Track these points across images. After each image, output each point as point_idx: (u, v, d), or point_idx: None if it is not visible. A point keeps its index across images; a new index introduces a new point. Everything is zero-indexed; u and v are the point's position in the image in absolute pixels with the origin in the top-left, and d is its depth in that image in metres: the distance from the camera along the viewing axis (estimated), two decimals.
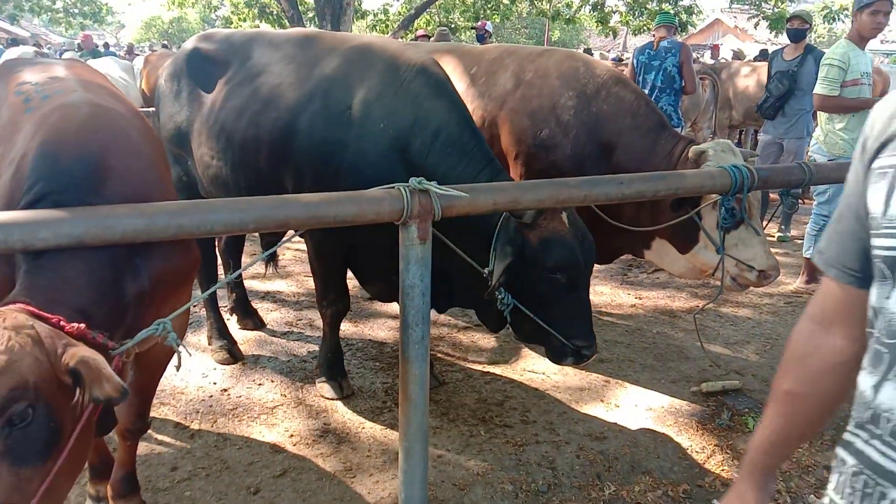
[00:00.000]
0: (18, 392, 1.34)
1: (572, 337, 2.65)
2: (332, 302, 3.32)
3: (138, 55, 12.03)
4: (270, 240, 3.59)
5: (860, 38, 4.70)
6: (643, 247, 3.43)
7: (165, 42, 23.19)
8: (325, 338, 3.45)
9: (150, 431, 2.89)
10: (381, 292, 3.33)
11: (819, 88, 4.74)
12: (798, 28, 6.20)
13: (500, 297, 2.56)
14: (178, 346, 1.79)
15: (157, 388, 2.46)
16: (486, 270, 2.53)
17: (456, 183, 2.15)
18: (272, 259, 4.48)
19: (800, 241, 5.02)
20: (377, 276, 3.21)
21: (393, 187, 1.98)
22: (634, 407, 3.38)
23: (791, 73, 6.12)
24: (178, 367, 1.87)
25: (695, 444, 3.07)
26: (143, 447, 2.85)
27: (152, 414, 3.06)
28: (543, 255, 2.55)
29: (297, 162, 2.95)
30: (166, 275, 1.89)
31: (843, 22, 26.24)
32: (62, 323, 1.50)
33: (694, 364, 3.87)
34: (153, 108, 3.88)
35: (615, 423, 3.22)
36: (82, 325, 1.54)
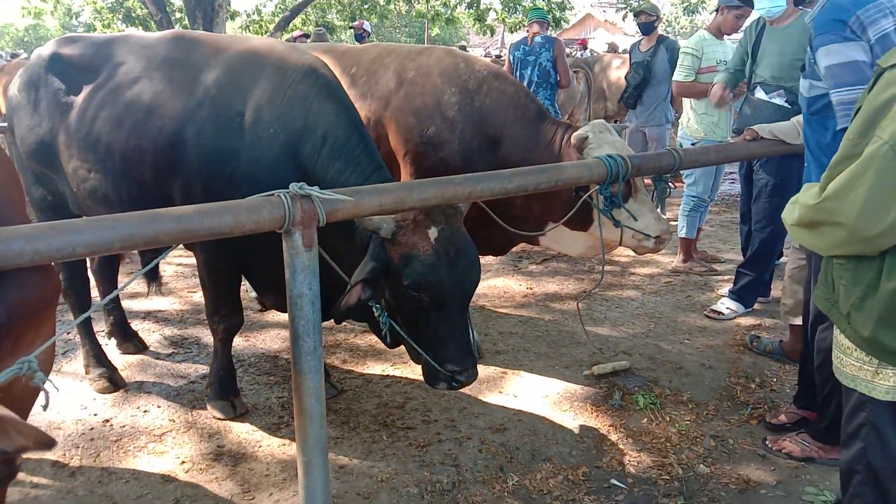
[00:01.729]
0: None
1: (445, 361, 2.45)
2: (225, 317, 3.17)
3: None
4: (152, 255, 3.38)
5: (718, 32, 5.03)
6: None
7: (15, 52, 20.99)
8: (215, 355, 3.29)
9: (22, 475, 2.66)
10: (279, 302, 3.19)
11: (676, 75, 5.13)
12: (645, 21, 6.63)
13: (377, 314, 2.47)
14: (44, 384, 1.64)
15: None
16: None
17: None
18: (154, 277, 4.21)
19: (674, 223, 5.29)
20: (275, 286, 3.07)
21: (273, 194, 1.90)
22: (531, 395, 3.45)
23: (645, 63, 6.53)
24: (45, 407, 1.71)
25: (590, 426, 3.17)
26: (15, 493, 2.62)
27: (24, 455, 2.83)
28: (402, 272, 2.40)
29: (186, 172, 2.80)
30: (24, 306, 1.72)
31: (701, 14, 27.99)
32: None
33: (585, 348, 4.00)
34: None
35: (514, 414, 3.27)
36: None
